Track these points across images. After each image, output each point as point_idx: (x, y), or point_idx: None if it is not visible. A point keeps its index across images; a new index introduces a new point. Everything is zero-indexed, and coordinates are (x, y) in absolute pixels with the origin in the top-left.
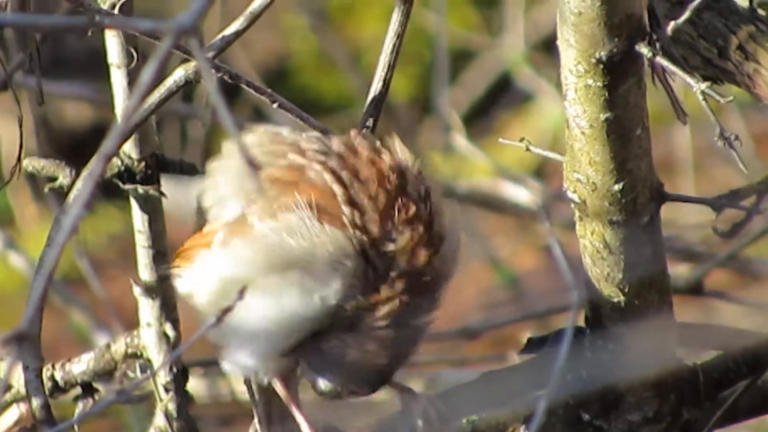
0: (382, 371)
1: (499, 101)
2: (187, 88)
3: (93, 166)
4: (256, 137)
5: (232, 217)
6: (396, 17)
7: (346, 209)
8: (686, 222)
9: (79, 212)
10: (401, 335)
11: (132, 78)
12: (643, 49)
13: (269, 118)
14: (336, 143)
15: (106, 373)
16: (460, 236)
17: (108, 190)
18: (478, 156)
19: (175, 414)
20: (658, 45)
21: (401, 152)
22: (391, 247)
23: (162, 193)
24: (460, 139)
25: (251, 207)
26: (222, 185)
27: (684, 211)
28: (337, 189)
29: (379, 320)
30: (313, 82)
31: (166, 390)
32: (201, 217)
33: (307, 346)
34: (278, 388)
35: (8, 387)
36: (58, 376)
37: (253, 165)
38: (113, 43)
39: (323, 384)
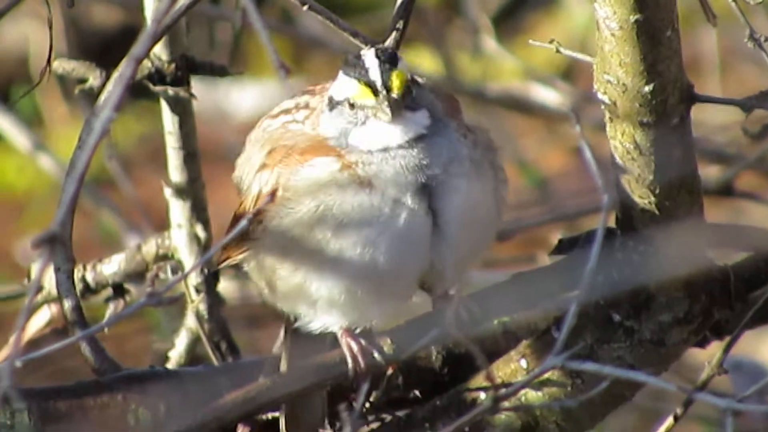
0: None
1: (527, 2)
2: None
3: (123, 68)
4: None
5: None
6: None
7: None
8: (714, 123)
9: (110, 114)
10: None
11: None
12: None
13: (297, 20)
14: None
15: (137, 274)
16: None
17: (138, 92)
18: (506, 58)
19: (206, 315)
20: None
21: None
22: None
23: (192, 95)
24: (489, 41)
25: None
26: (254, 157)
27: (712, 113)
28: None
29: None
30: None
31: (197, 291)
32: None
33: None
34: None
35: (40, 288)
36: (89, 277)
37: (284, 67)
38: None
39: None
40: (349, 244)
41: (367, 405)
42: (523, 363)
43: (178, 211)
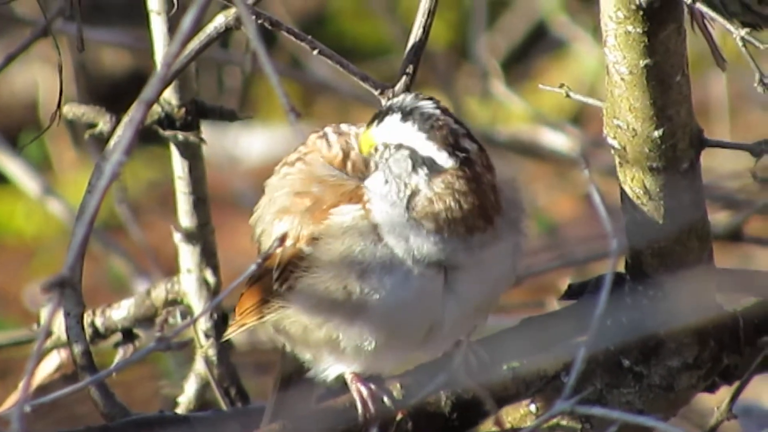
0: None
1: (536, 47)
2: (224, 35)
3: (134, 112)
4: None
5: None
6: None
7: None
8: (723, 169)
9: (120, 159)
10: None
11: (172, 25)
12: None
13: (307, 65)
14: None
15: (146, 319)
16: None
17: (148, 137)
18: (515, 102)
19: (215, 360)
20: None
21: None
22: None
23: (202, 140)
24: (498, 85)
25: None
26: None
27: (722, 158)
28: None
29: None
30: (351, 28)
31: (207, 336)
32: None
33: None
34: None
35: (49, 333)
36: (98, 322)
37: (295, 111)
38: None
39: None
40: (375, 293)
41: None
42: (533, 407)
43: (188, 256)
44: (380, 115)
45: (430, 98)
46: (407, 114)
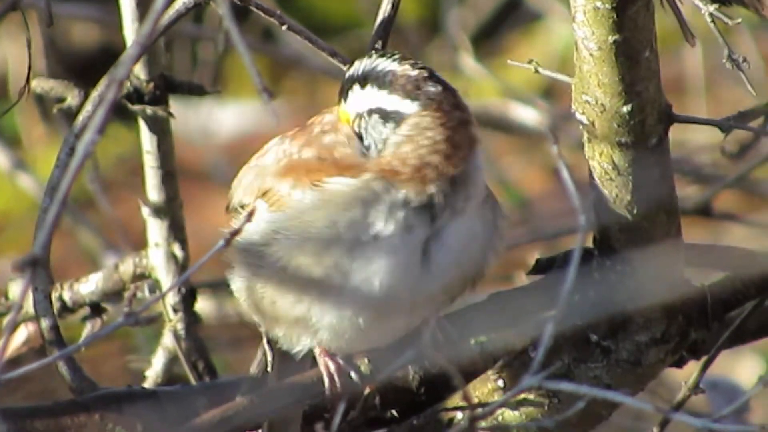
0: None
1: (506, 21)
2: (198, 10)
3: (105, 90)
4: None
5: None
6: None
7: None
8: (696, 144)
9: (93, 137)
10: None
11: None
12: None
13: (279, 37)
14: None
15: (114, 294)
16: None
17: (117, 110)
18: (486, 77)
19: (183, 335)
20: None
21: None
22: None
23: (170, 114)
24: (468, 60)
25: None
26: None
27: (695, 133)
28: None
29: None
30: (320, 2)
31: (175, 311)
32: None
33: None
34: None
35: (19, 308)
36: (66, 296)
37: (268, 91)
38: None
39: None
40: (360, 270)
41: (344, 425)
42: (500, 383)
43: (156, 230)
44: (343, 91)
45: (384, 53)
46: (365, 79)
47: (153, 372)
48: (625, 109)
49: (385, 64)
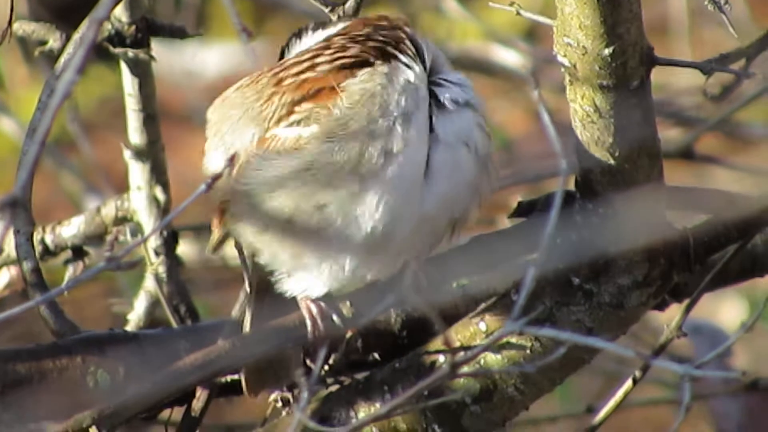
0: None
1: None
2: None
3: (85, 31)
4: None
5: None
6: None
7: None
8: (679, 87)
9: (72, 77)
10: None
11: None
12: None
13: None
14: None
15: (96, 237)
16: None
17: (99, 53)
18: (468, 19)
19: (165, 278)
20: None
21: None
22: None
23: (152, 57)
24: (451, 2)
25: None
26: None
27: (677, 76)
28: None
29: None
30: None
31: (157, 254)
32: None
33: None
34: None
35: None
36: (48, 239)
37: (246, 31)
38: None
39: None
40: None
41: (326, 368)
42: (482, 326)
43: (138, 173)
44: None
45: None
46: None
47: (135, 315)
48: (607, 51)
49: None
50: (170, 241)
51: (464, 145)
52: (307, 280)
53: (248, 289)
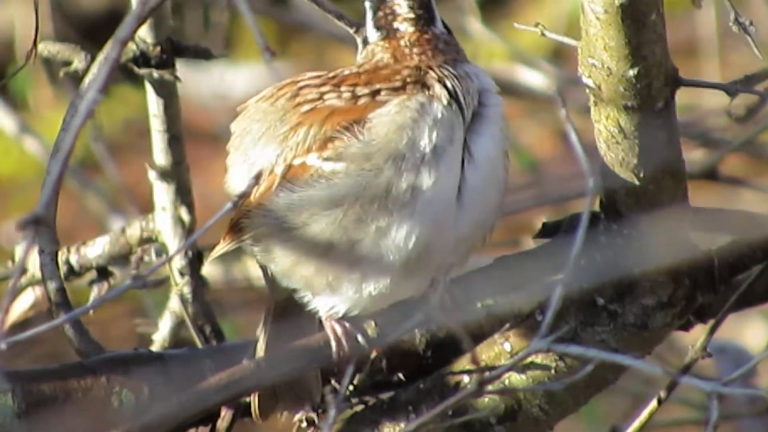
0: None
1: None
2: None
3: (109, 50)
4: None
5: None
6: None
7: None
8: (705, 108)
9: (95, 97)
10: None
11: None
12: None
13: (287, 3)
14: None
15: (121, 257)
16: None
17: (125, 73)
18: (493, 40)
19: (190, 298)
20: None
21: None
22: None
23: (177, 77)
24: (476, 24)
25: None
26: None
27: (704, 97)
28: None
29: None
30: None
31: (181, 274)
32: None
33: None
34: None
35: (24, 271)
36: (73, 259)
37: (269, 50)
38: None
39: None
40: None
41: (351, 388)
42: (507, 346)
43: (163, 194)
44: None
45: None
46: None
47: (160, 335)
48: (632, 72)
49: None
50: (195, 261)
51: (494, 165)
52: (333, 300)
53: (265, 313)
